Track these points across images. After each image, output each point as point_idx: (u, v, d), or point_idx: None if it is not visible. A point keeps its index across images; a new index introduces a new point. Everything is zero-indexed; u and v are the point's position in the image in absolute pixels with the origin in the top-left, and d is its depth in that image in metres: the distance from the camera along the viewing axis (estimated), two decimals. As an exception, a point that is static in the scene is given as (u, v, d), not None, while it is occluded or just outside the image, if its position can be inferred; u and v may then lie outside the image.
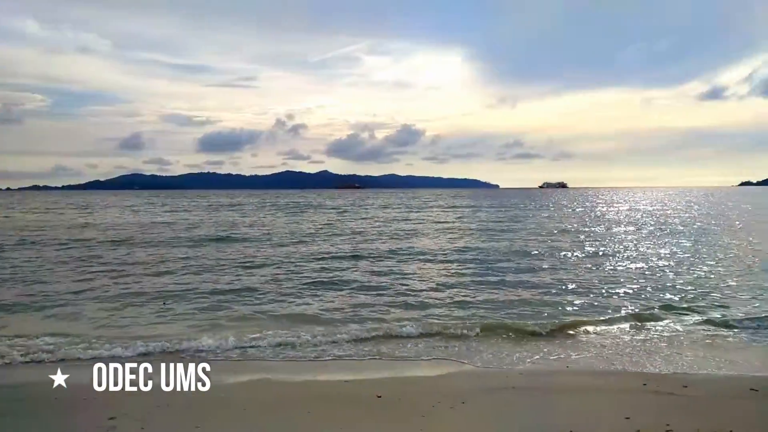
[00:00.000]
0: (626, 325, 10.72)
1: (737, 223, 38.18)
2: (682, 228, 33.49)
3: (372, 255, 21.13)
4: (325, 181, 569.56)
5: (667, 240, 26.67)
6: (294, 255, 21.13)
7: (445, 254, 21.35)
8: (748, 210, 56.76)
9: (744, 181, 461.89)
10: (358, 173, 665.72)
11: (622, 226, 36.15)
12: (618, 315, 11.45)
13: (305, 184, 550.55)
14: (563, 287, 14.55)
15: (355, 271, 17.58)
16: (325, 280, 15.80)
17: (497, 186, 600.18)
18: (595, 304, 12.60)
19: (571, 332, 10.26)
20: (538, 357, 8.88)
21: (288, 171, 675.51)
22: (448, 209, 60.49)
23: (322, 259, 20.13)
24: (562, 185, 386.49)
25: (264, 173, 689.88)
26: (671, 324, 10.81)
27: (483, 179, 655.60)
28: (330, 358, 8.93)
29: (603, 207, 66.86)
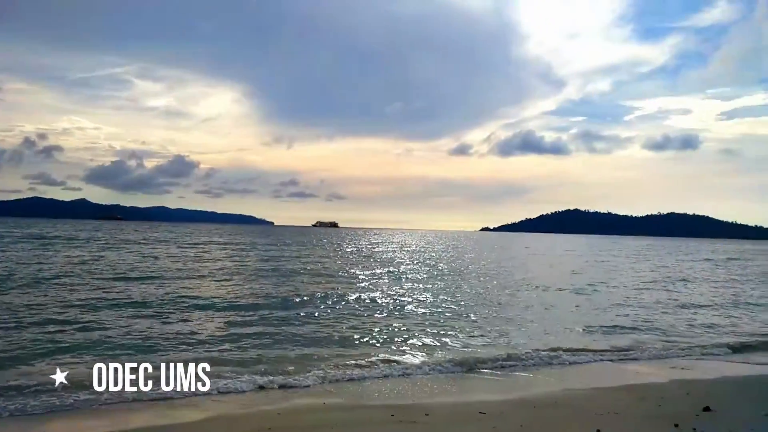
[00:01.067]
0: (377, 361, 11.95)
1: (483, 263, 44.34)
2: (443, 267, 37.96)
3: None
4: (82, 210, 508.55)
5: (418, 283, 29.85)
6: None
7: (222, 302, 20.94)
8: (493, 251, 66.43)
9: (484, 226, 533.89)
10: (122, 203, 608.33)
11: (386, 266, 39.26)
12: (373, 354, 12.71)
13: (58, 213, 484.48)
14: (314, 334, 15.54)
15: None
16: None
17: (272, 223, 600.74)
18: (347, 345, 13.70)
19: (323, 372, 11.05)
20: (296, 398, 9.51)
21: (37, 197, 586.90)
22: (223, 246, 58.90)
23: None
24: (334, 224, 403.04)
25: (4, 198, 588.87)
26: (415, 359, 12.35)
27: (259, 216, 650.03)
28: None
29: (372, 246, 71.90)
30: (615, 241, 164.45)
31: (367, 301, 20.71)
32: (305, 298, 20.78)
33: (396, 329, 15.63)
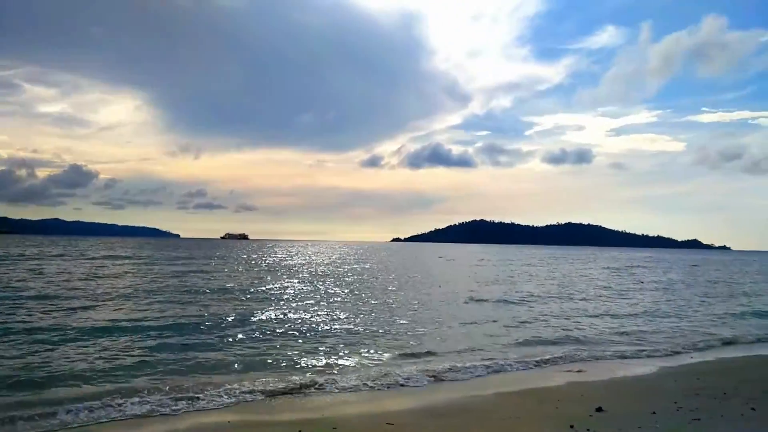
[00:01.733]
0: (288, 379, 11.73)
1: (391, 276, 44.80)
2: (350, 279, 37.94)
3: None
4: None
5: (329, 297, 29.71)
6: None
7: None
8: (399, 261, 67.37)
9: (395, 237, 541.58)
10: (10, 216, 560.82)
11: (298, 280, 38.75)
12: (285, 372, 12.48)
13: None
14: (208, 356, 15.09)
15: None
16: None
17: (178, 235, 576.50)
18: (257, 367, 13.29)
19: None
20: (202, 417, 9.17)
21: None
22: (123, 260, 55.50)
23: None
24: (244, 236, 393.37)
25: None
26: (329, 375, 12.24)
27: (164, 228, 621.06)
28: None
29: (283, 259, 70.69)
30: (520, 250, 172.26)
31: (278, 319, 20.22)
32: (213, 318, 19.45)
33: (308, 346, 15.42)
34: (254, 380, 11.38)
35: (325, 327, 18.30)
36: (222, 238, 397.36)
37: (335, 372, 12.33)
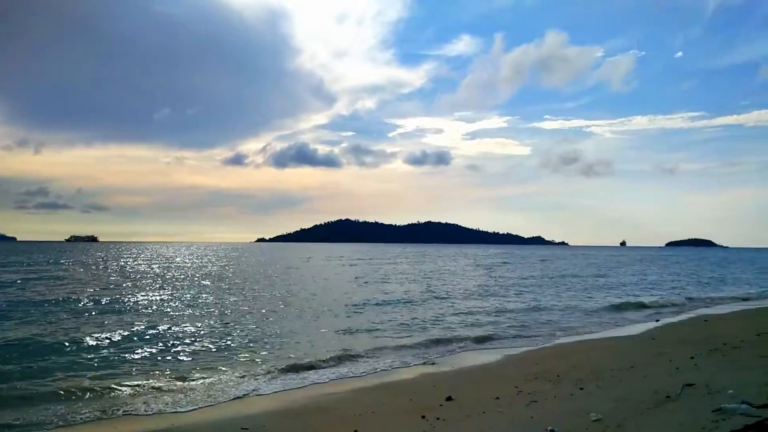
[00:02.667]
0: (139, 392, 11.03)
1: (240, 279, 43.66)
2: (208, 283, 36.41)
3: None
4: None
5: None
6: None
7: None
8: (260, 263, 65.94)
9: (260, 237, 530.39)
10: None
11: (153, 287, 36.52)
12: (138, 385, 11.69)
13: None
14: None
15: None
16: None
17: (14, 239, 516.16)
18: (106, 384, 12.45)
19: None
20: None
21: None
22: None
23: None
24: (93, 239, 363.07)
25: None
26: (185, 382, 11.68)
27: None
28: None
29: (136, 263, 65.98)
30: (385, 249, 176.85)
31: (127, 331, 18.85)
32: (52, 337, 16.99)
33: (165, 355, 14.60)
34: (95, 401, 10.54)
35: (185, 335, 17.44)
36: (67, 240, 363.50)
37: (195, 381, 11.81)
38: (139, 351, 14.58)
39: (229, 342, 16.11)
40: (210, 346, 15.50)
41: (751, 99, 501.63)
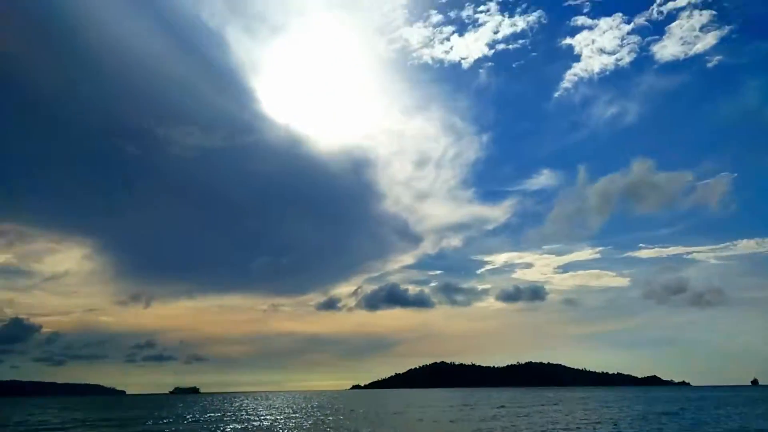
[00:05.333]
0: None
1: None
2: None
3: None
4: None
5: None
6: None
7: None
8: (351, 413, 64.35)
9: (355, 384, 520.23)
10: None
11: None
12: None
13: None
14: None
15: None
16: None
17: (123, 392, 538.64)
18: None
19: None
20: None
21: None
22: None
23: None
24: (195, 390, 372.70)
25: None
26: None
27: (107, 384, 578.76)
28: None
29: (238, 415, 66.43)
30: (488, 394, 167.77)
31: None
32: None
33: None
34: None
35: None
36: (171, 393, 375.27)
37: None
38: None
39: None
40: None
41: None
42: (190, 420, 64.08)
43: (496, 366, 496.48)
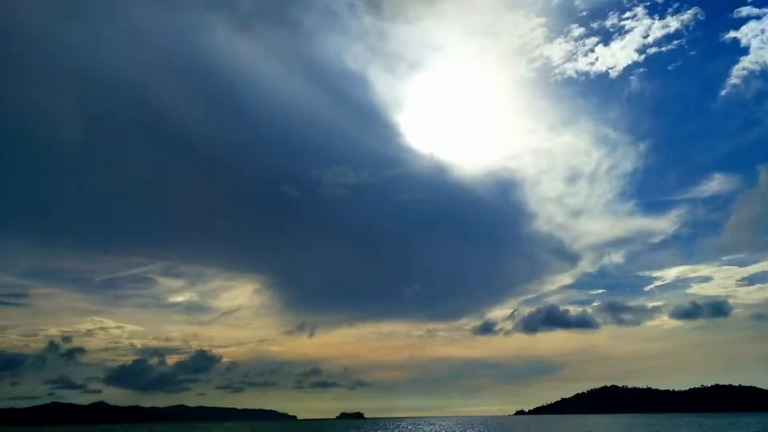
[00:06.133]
0: None
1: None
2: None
3: None
4: (99, 414, 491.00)
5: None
6: None
7: None
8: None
9: (519, 410, 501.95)
10: (141, 404, 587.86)
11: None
12: None
13: (75, 418, 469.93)
14: None
15: None
16: None
17: (295, 417, 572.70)
18: None
19: None
20: None
21: (55, 402, 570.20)
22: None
23: None
24: (360, 415, 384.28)
25: (21, 405, 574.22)
26: None
27: (280, 410, 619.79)
28: None
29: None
30: (677, 421, 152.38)
31: None
32: None
33: None
34: None
35: None
36: (337, 417, 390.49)
37: None
38: None
39: None
40: None
41: None
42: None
43: (676, 389, 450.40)
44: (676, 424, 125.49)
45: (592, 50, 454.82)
